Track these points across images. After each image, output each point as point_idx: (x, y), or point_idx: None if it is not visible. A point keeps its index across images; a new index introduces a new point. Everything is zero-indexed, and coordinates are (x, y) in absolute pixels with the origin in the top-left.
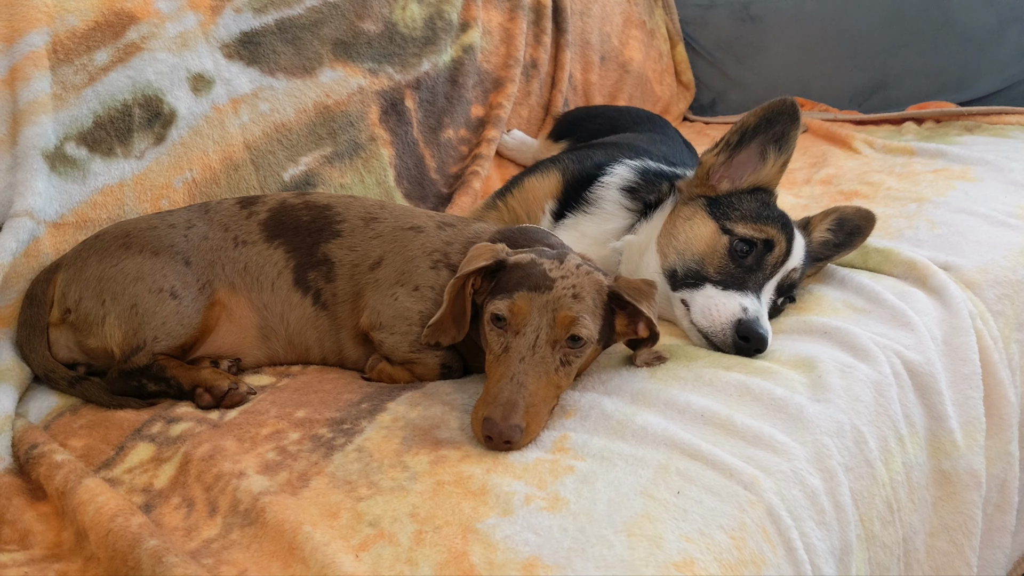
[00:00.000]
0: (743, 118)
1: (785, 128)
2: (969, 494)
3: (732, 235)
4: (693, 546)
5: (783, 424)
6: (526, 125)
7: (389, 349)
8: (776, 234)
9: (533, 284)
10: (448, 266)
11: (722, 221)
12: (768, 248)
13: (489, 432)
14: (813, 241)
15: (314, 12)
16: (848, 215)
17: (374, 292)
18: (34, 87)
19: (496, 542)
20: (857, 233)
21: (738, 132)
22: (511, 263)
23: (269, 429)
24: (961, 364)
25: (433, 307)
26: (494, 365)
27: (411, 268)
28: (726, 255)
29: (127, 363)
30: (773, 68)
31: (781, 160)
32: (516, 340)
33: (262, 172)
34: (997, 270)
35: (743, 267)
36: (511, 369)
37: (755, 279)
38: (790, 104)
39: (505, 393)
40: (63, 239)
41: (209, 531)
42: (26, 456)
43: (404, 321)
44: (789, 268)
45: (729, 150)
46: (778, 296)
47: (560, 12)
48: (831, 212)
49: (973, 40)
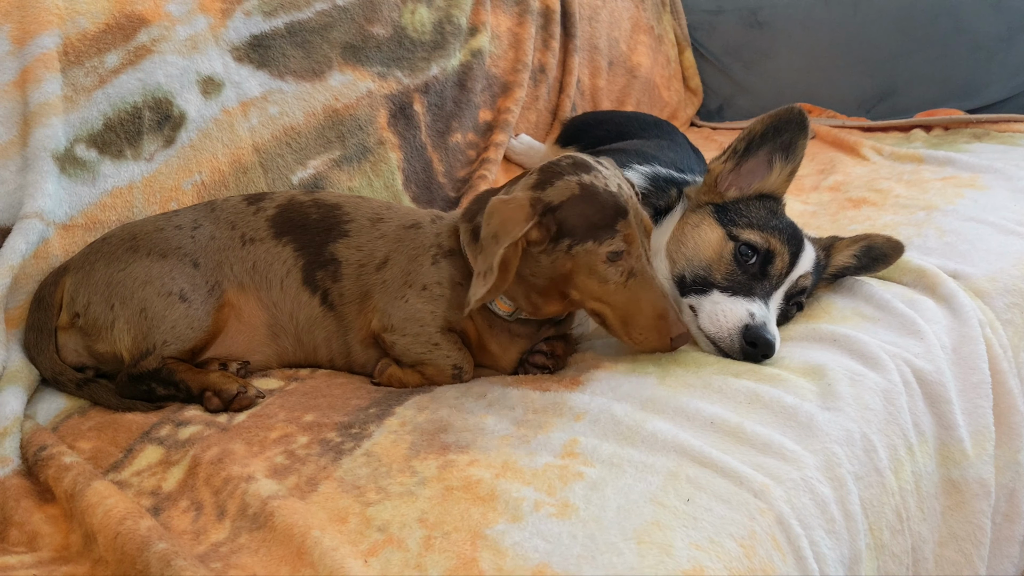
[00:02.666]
0: (750, 126)
1: (793, 137)
2: (978, 503)
3: (737, 240)
4: (703, 554)
5: (793, 432)
6: (534, 130)
7: (401, 351)
8: (780, 241)
9: (619, 209)
10: (444, 254)
11: (728, 227)
12: (772, 255)
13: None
14: (833, 264)
15: (324, 16)
16: (877, 243)
17: (383, 294)
18: (45, 89)
19: (505, 548)
20: (882, 260)
21: (745, 140)
22: (559, 202)
23: (278, 433)
24: (970, 373)
25: (444, 305)
26: (621, 291)
27: (415, 267)
28: (731, 261)
29: (136, 367)
30: (781, 74)
31: (788, 169)
32: (639, 263)
33: (271, 175)
34: (1006, 279)
35: (749, 273)
36: (656, 288)
37: (762, 286)
38: (798, 112)
39: (671, 310)
40: (72, 241)
41: (217, 535)
42: (35, 458)
43: (416, 323)
44: (796, 275)
45: (736, 157)
46: (787, 303)
47: (569, 17)
48: (860, 239)
49: (982, 47)
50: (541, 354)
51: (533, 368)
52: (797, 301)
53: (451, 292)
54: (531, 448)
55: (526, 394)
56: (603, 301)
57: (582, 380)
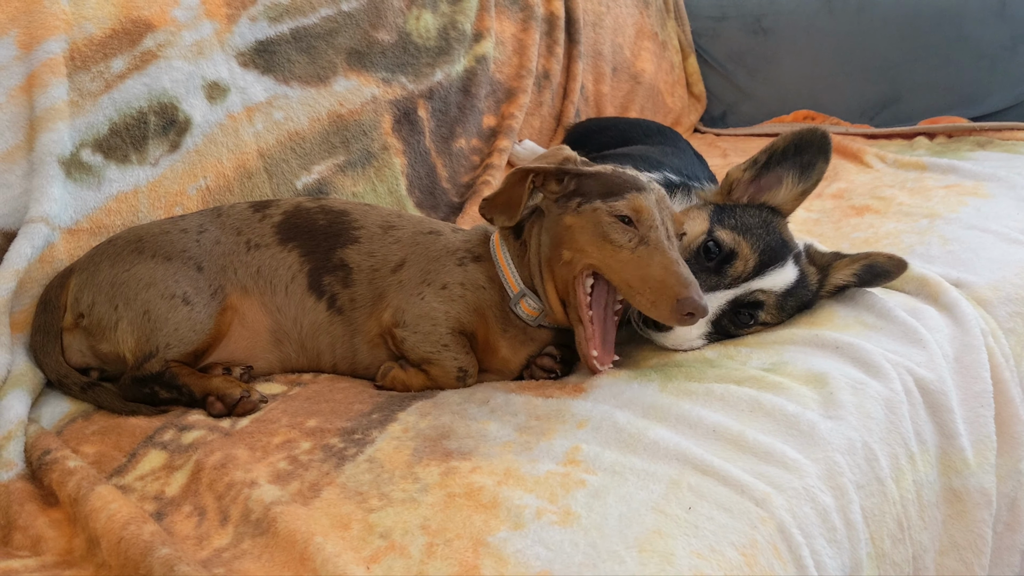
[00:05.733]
0: (775, 141)
1: (813, 159)
2: (979, 512)
3: (710, 235)
4: (704, 562)
5: (795, 440)
6: (537, 135)
7: (410, 348)
8: (750, 248)
9: (638, 186)
10: (473, 259)
11: (713, 224)
12: (733, 255)
13: (692, 309)
14: (830, 282)
15: (329, 21)
16: (879, 261)
17: (398, 292)
18: (51, 94)
19: (507, 556)
20: (884, 276)
21: (767, 153)
22: (589, 172)
23: (280, 438)
24: (972, 382)
25: (461, 307)
26: (631, 258)
27: (437, 267)
28: (695, 251)
29: (139, 370)
30: (785, 81)
31: (800, 188)
32: (653, 233)
33: (275, 180)
34: (1009, 287)
35: (703, 266)
36: (669, 255)
37: (709, 280)
38: (821, 135)
39: (684, 273)
40: (77, 245)
41: (220, 540)
42: (39, 462)
43: (428, 321)
44: (755, 287)
45: (756, 169)
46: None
47: (573, 23)
48: (861, 258)
49: (986, 55)
50: (550, 357)
51: (539, 371)
52: (750, 313)
53: (472, 294)
54: (533, 455)
55: (529, 400)
56: (607, 264)
57: (585, 387)
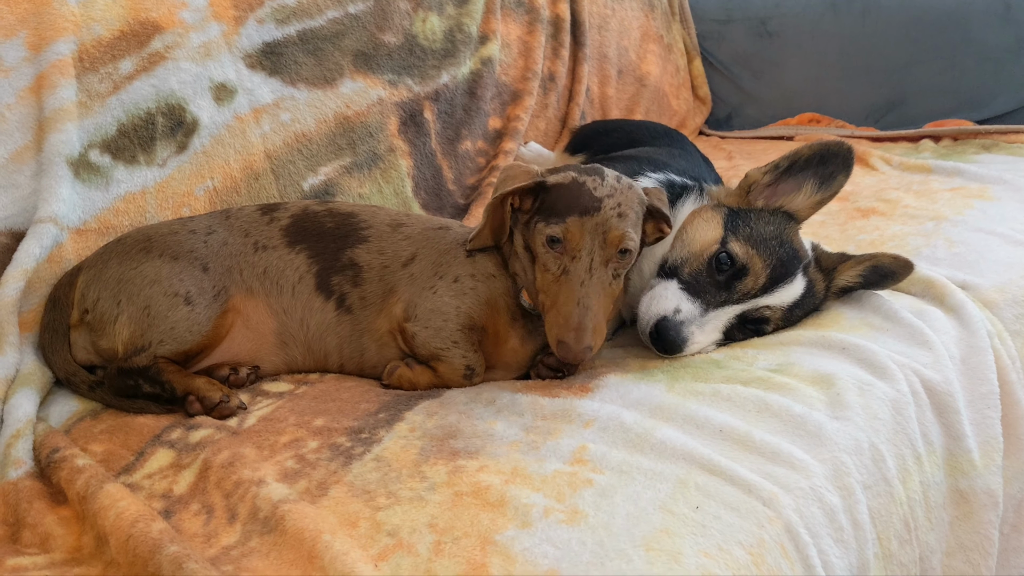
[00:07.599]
0: (798, 148)
1: (835, 171)
2: (986, 514)
3: (723, 246)
4: (712, 562)
5: (802, 441)
6: (543, 137)
7: (420, 343)
8: (762, 265)
9: (583, 208)
10: (482, 249)
11: (728, 232)
12: (745, 272)
13: (565, 355)
14: (835, 285)
15: (336, 24)
16: (884, 263)
17: (409, 286)
18: (60, 95)
19: (515, 554)
20: (890, 278)
21: (789, 160)
22: (552, 184)
23: (288, 437)
24: (979, 383)
25: (472, 301)
26: (552, 285)
27: (448, 259)
28: (707, 262)
29: (128, 362)
30: (790, 83)
31: (818, 198)
32: (574, 264)
33: (282, 181)
34: (1015, 290)
35: (714, 280)
36: (575, 294)
37: (718, 295)
38: (847, 150)
39: (575, 318)
40: (85, 245)
41: (228, 538)
42: (47, 460)
43: (440, 316)
44: (762, 303)
45: (777, 173)
46: (742, 323)
47: (578, 26)
48: (866, 259)
49: (991, 58)
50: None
51: (546, 370)
52: (757, 328)
53: (484, 285)
54: (540, 454)
55: (535, 400)
56: (538, 280)
57: (591, 387)
